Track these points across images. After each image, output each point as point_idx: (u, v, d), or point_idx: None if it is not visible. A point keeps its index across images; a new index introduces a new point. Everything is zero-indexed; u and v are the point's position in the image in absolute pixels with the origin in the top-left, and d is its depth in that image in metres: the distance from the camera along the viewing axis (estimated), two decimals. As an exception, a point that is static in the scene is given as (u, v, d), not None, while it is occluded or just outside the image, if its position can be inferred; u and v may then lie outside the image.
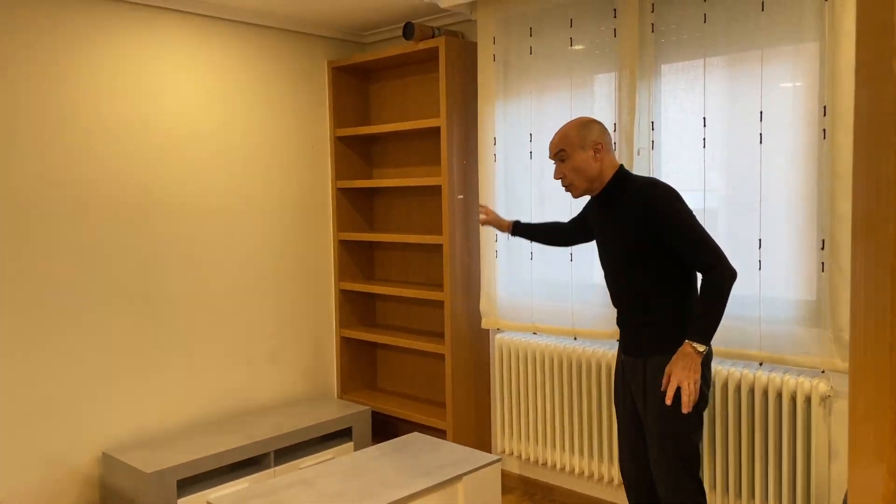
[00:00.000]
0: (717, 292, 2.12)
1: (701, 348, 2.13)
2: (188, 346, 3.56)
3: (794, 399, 2.63)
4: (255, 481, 3.30)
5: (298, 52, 3.96)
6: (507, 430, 3.55)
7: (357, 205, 4.23)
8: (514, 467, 3.67)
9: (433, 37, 3.59)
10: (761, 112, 2.69)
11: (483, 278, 3.57)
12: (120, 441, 3.33)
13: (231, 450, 3.22)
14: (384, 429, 4.25)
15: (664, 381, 2.17)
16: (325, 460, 2.95)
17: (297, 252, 4.01)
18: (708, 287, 2.13)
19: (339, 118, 4.12)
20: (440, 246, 3.96)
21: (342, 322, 4.19)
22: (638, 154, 3.00)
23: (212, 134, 3.62)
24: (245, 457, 3.27)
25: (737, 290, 2.78)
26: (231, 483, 3.22)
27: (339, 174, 4.13)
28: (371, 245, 4.33)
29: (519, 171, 3.44)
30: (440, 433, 3.92)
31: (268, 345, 3.89)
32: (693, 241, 2.16)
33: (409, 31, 3.55)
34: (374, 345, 4.36)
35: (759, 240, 2.72)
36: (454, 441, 3.59)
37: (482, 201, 3.53)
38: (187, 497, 3.07)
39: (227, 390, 3.72)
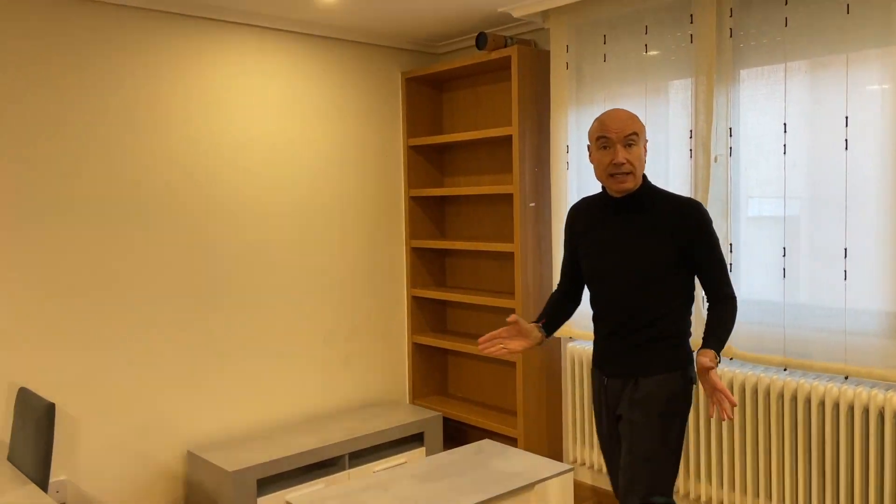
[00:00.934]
0: (733, 320, 2.14)
1: (719, 360, 2.09)
2: (267, 351, 3.68)
3: (881, 415, 2.53)
4: (329, 483, 3.38)
5: (373, 64, 4.05)
6: (578, 439, 3.52)
7: (429, 213, 4.29)
8: (586, 477, 3.64)
9: (506, 46, 3.61)
10: (847, 117, 2.60)
11: (555, 286, 3.57)
12: (204, 440, 3.46)
13: (307, 451, 3.31)
14: (455, 435, 4.28)
15: (711, 391, 2.00)
16: (397, 464, 3.00)
17: (371, 259, 4.09)
18: (730, 309, 2.14)
19: (411, 128, 4.19)
20: (511, 254, 3.97)
21: (414, 328, 4.25)
22: (715, 161, 2.94)
23: (289, 145, 3.74)
24: (320, 459, 3.36)
25: (820, 300, 2.69)
26: (307, 484, 3.31)
27: (411, 183, 4.20)
28: (443, 252, 4.38)
29: (592, 179, 3.42)
30: (511, 441, 3.92)
31: (342, 350, 3.98)
32: (723, 267, 2.16)
33: (481, 41, 3.58)
34: (445, 351, 4.40)
35: (845, 249, 2.63)
36: (525, 449, 3.59)
37: (555, 209, 3.53)
38: (266, 496, 3.17)
39: (303, 393, 3.82)
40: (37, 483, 2.11)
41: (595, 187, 3.41)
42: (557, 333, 3.56)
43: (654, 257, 2.12)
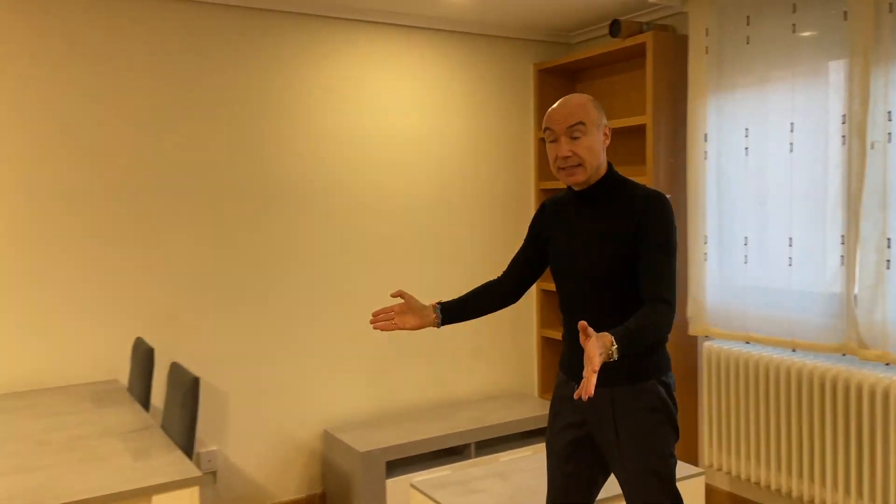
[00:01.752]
0: (660, 325, 1.79)
1: (615, 354, 1.68)
2: (400, 340, 3.80)
3: None
4: (455, 470, 3.44)
5: (504, 57, 4.06)
6: (715, 443, 3.35)
7: (561, 205, 4.24)
8: (722, 483, 3.46)
9: (641, 32, 3.49)
10: None
11: (690, 281, 3.41)
12: (339, 421, 3.64)
13: (435, 437, 3.38)
14: (585, 431, 4.21)
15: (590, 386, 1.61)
16: (522, 456, 3.00)
17: (501, 252, 4.11)
18: (656, 314, 1.80)
19: (542, 119, 4.15)
20: (645, 247, 3.84)
21: (543, 322, 4.22)
22: (872, 148, 2.69)
23: (420, 140, 3.83)
24: (447, 446, 3.42)
25: None
26: (434, 469, 3.39)
27: (541, 175, 4.16)
28: (575, 246, 4.31)
29: (732, 169, 3.24)
30: (642, 440, 3.80)
31: (471, 341, 4.03)
32: (670, 271, 1.86)
33: (615, 28, 3.49)
34: (576, 346, 4.33)
35: None
36: (656, 449, 3.46)
37: (691, 201, 3.37)
38: (395, 478, 3.28)
39: (433, 382, 3.91)
40: (183, 450, 2.31)
41: (736, 181, 3.22)
42: (692, 331, 3.40)
43: (613, 253, 1.90)
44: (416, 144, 3.81)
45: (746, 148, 3.18)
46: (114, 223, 3.09)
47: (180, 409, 2.35)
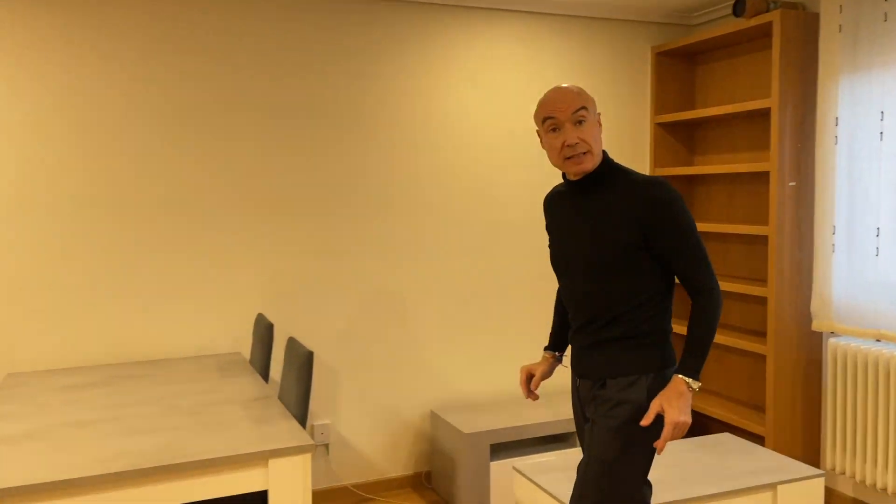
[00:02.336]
0: (714, 318, 1.83)
1: (696, 385, 1.80)
2: (508, 327, 3.82)
3: None
4: (558, 456, 3.43)
5: (620, 40, 3.97)
6: (838, 445, 3.17)
7: (676, 193, 4.11)
8: (846, 488, 3.27)
9: (767, 11, 3.32)
10: None
11: (816, 275, 3.22)
12: (445, 402, 3.71)
13: (540, 423, 3.39)
14: (694, 426, 4.08)
15: (650, 414, 1.78)
16: (628, 447, 2.96)
17: (613, 239, 4.03)
18: (705, 312, 1.82)
19: (660, 104, 4.03)
20: (765, 237, 3.66)
21: (656, 312, 4.11)
22: None
23: (531, 126, 3.81)
24: (551, 432, 3.42)
25: None
26: (537, 455, 3.39)
27: (657, 161, 4.05)
28: (690, 235, 4.16)
29: (865, 155, 3.03)
30: (757, 439, 3.64)
31: (580, 329, 3.99)
32: (697, 256, 1.83)
33: (739, 7, 3.33)
34: (689, 338, 4.20)
35: None
36: (774, 450, 3.31)
37: (819, 189, 3.18)
38: (498, 461, 3.31)
39: (539, 368, 3.91)
40: (297, 420, 2.43)
41: (869, 167, 3.01)
42: (816, 327, 3.22)
43: (610, 244, 1.85)
44: (530, 132, 3.80)
45: (881, 132, 2.96)
46: (240, 209, 3.28)
47: (296, 381, 2.48)
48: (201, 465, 1.96)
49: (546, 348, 2.20)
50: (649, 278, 1.86)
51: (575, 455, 3.08)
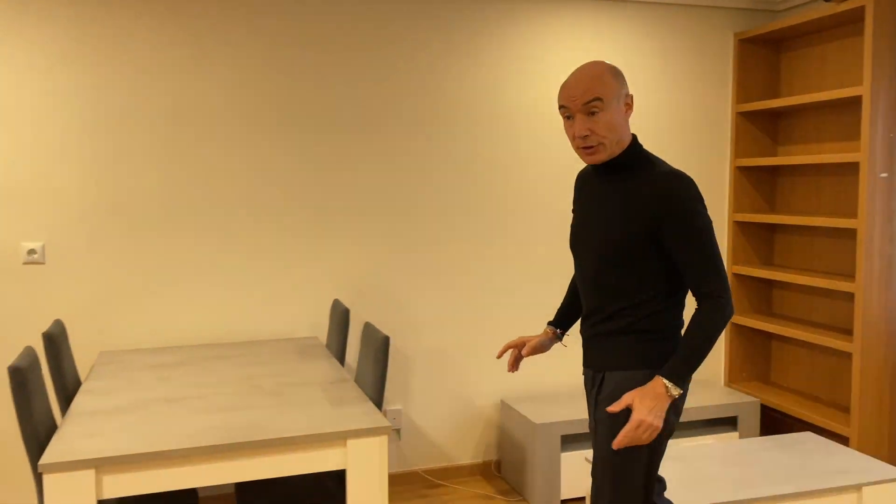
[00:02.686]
0: (714, 328, 1.70)
1: (676, 392, 1.68)
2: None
3: None
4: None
5: (701, 27, 3.86)
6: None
7: (757, 184, 3.98)
8: (936, 495, 3.11)
9: (860, -6, 3.18)
10: None
11: (908, 270, 3.08)
12: (516, 392, 3.72)
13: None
14: (773, 425, 3.96)
15: (619, 403, 1.68)
16: (704, 444, 2.89)
17: (690, 232, 3.95)
18: (705, 320, 1.71)
19: (742, 93, 3.91)
20: (853, 231, 3.52)
21: (735, 307, 4.00)
22: None
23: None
24: (625, 426, 3.38)
25: None
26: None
27: (738, 151, 3.93)
28: (771, 227, 4.04)
29: (966, 145, 2.87)
30: (840, 439, 3.51)
31: (654, 322, 3.93)
32: (706, 257, 1.72)
33: (829, -9, 3.20)
34: (769, 335, 4.08)
35: None
36: (859, 451, 3.19)
37: (912, 181, 3.03)
38: (569, 452, 3.30)
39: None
40: (374, 403, 2.49)
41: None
42: None
43: (619, 236, 1.77)
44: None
45: None
46: (322, 202, 3.36)
47: (372, 365, 2.54)
48: (284, 443, 2.03)
49: (549, 323, 2.14)
50: (658, 275, 1.79)
51: (649, 448, 3.03)
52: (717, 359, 4.05)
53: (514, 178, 3.63)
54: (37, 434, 2.09)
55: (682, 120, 3.88)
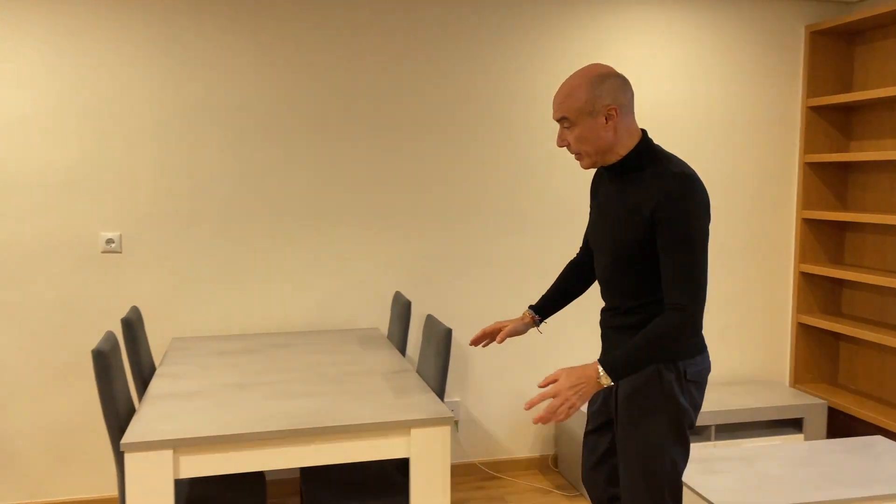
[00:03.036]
0: (664, 338, 1.68)
1: (605, 381, 1.69)
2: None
3: None
4: (693, 450, 3.35)
5: (769, 19, 3.77)
6: None
7: (828, 181, 3.87)
8: None
9: (942, -16, 3.05)
10: None
11: None
12: (574, 388, 3.71)
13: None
14: (841, 428, 3.86)
15: (547, 378, 1.73)
16: (770, 445, 2.84)
17: (753, 227, 3.86)
18: (660, 328, 1.69)
19: (813, 86, 3.80)
20: (932, 230, 3.39)
21: (801, 307, 3.90)
22: None
23: (675, 108, 3.71)
24: (685, 424, 3.34)
25: None
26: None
27: (808, 147, 3.83)
28: (841, 225, 3.92)
29: None
30: (914, 446, 3.40)
31: (716, 321, 3.86)
32: (685, 267, 1.69)
33: (909, -20, 3.08)
34: (837, 336, 3.96)
35: None
36: (931, 457, 3.08)
37: None
38: (628, 449, 3.28)
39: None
40: (436, 393, 2.52)
41: None
42: None
43: (628, 237, 1.80)
44: (671, 113, 3.70)
45: None
46: (385, 195, 3.42)
47: (434, 356, 2.57)
48: (349, 430, 2.08)
49: (531, 306, 2.15)
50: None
51: (713, 448, 3.01)
52: (782, 359, 3.96)
53: (577, 172, 3.62)
54: (118, 414, 2.20)
55: (751, 114, 3.80)
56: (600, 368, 1.70)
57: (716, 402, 3.48)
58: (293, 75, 3.28)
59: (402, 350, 3.05)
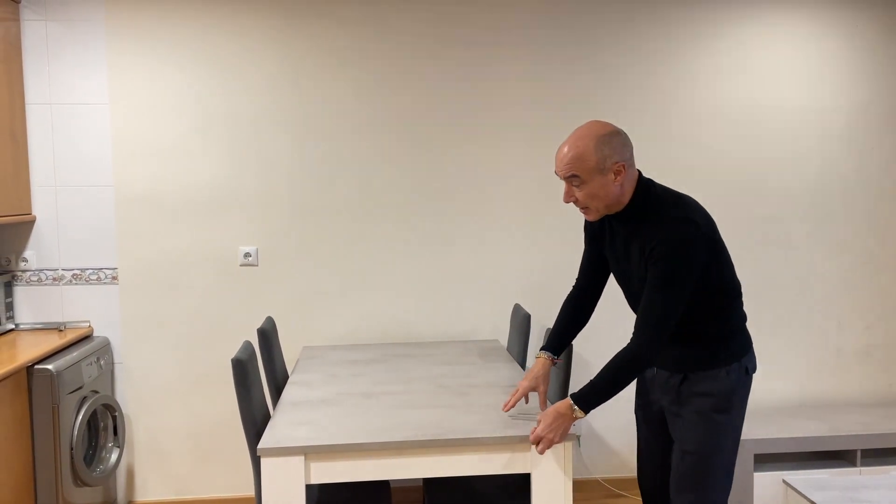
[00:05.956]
0: (628, 366, 1.92)
1: (580, 414, 1.96)
2: (769, 329, 3.56)
3: None
4: (834, 475, 3.13)
5: (924, 11, 3.49)
6: None
7: None
8: None
9: None
10: None
11: None
12: (702, 405, 3.56)
13: (814, 437, 3.12)
14: None
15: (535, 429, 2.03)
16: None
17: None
18: (619, 361, 1.94)
19: None
20: None
21: None
22: None
23: (815, 114, 3.50)
24: (827, 448, 3.13)
25: None
26: (809, 471, 3.13)
27: (969, 149, 3.49)
28: None
29: None
30: None
31: (861, 339, 3.60)
32: (653, 302, 1.87)
33: None
34: None
35: None
36: None
37: None
38: (764, 473, 3.11)
39: (810, 377, 3.59)
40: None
41: None
42: None
43: (640, 284, 1.97)
44: (811, 119, 3.50)
45: None
46: (506, 209, 3.44)
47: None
48: (471, 443, 2.10)
49: (544, 349, 2.24)
50: (700, 299, 1.94)
51: (858, 476, 2.80)
52: (939, 380, 3.63)
53: (703, 178, 3.49)
54: (254, 420, 2.33)
55: (892, 118, 3.52)
56: (573, 404, 1.95)
57: (862, 425, 3.24)
58: (419, 94, 3.37)
59: (522, 363, 3.05)
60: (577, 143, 1.89)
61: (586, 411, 1.96)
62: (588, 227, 2.19)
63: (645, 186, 1.95)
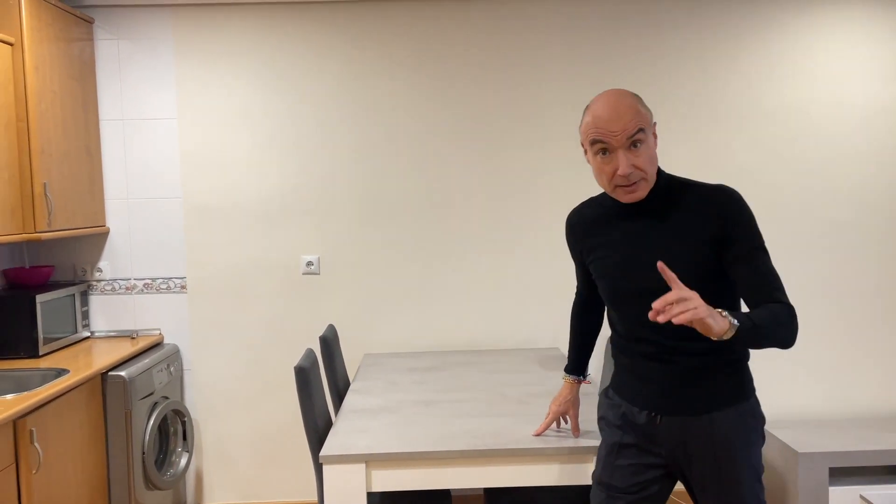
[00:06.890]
0: (790, 326, 1.52)
1: (729, 334, 1.41)
2: (845, 336, 3.42)
3: None
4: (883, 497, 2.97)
5: None
6: None
7: None
8: None
9: None
10: None
11: None
12: (775, 417, 3.44)
13: (892, 450, 2.97)
14: None
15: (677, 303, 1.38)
16: None
17: None
18: (787, 314, 1.52)
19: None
20: None
21: None
22: None
23: (881, 112, 3.35)
24: (908, 462, 2.98)
25: None
26: (888, 486, 2.98)
27: None
28: None
29: None
30: None
31: (946, 345, 3.42)
32: (768, 268, 1.59)
33: None
34: None
35: None
36: None
37: None
38: (839, 487, 2.98)
39: (892, 386, 3.43)
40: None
41: None
42: None
43: (687, 269, 1.63)
44: (872, 121, 3.35)
45: None
46: (559, 218, 3.41)
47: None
48: (533, 453, 2.08)
49: (568, 371, 2.10)
50: (731, 300, 1.69)
51: (941, 492, 2.65)
52: None
53: (768, 182, 3.38)
54: (316, 427, 2.36)
55: (983, 111, 3.34)
56: (732, 321, 1.43)
57: (946, 438, 3.07)
58: (477, 102, 3.37)
59: (585, 372, 3.00)
60: (627, 99, 1.61)
61: (737, 335, 1.43)
62: (570, 243, 1.93)
63: (660, 170, 1.73)
